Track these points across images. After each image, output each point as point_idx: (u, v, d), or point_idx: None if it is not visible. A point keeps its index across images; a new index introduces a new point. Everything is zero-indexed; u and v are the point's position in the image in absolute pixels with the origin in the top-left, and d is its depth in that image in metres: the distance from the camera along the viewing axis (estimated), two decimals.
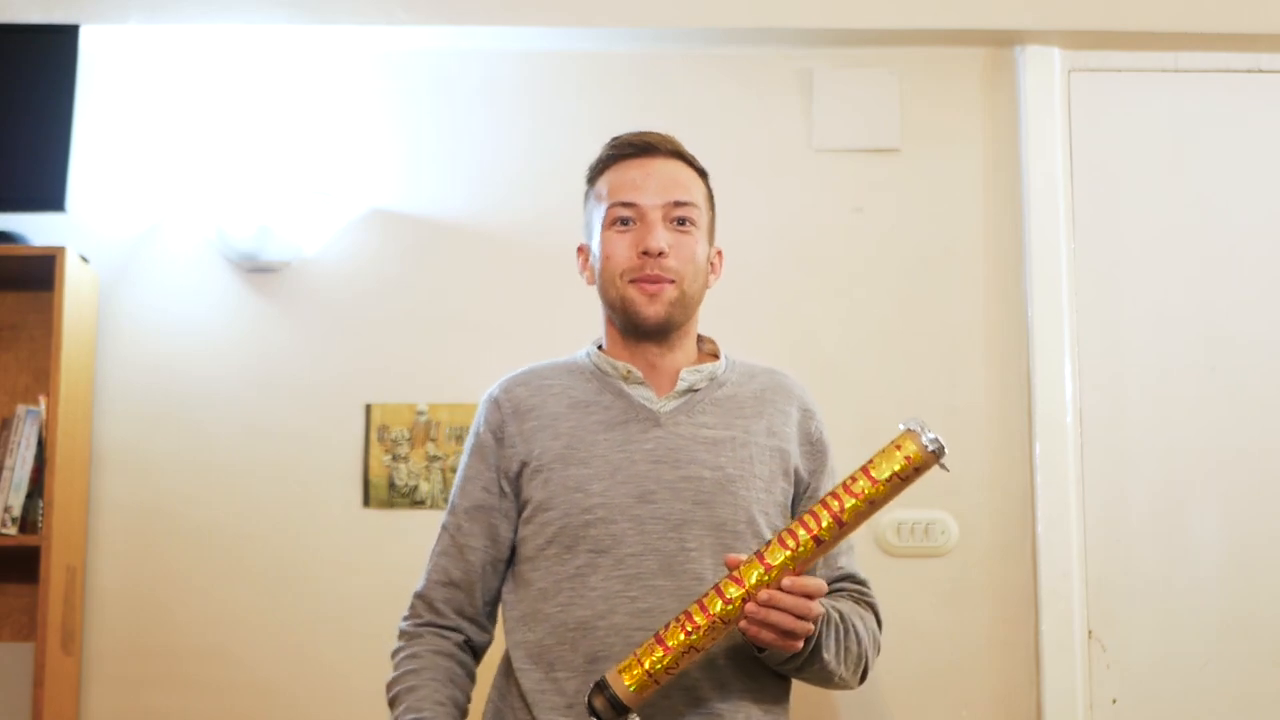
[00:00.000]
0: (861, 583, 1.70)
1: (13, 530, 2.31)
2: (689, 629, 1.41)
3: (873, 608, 1.69)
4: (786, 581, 1.41)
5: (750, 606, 1.41)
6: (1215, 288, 2.56)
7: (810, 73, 2.60)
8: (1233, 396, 2.53)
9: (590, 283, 1.69)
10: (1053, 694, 2.43)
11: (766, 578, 1.41)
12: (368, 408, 2.51)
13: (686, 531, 1.57)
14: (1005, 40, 2.59)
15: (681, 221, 1.61)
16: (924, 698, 2.47)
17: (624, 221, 1.61)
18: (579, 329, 1.89)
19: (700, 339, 1.73)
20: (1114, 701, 2.46)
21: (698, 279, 1.64)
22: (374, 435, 2.49)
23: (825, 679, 1.59)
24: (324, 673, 2.45)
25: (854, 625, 1.60)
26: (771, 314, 2.54)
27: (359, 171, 2.56)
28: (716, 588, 1.43)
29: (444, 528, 1.70)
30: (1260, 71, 2.61)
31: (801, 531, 1.42)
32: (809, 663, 1.53)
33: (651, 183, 1.61)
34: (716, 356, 1.72)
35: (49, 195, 2.37)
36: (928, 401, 2.52)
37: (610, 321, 1.68)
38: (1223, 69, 2.61)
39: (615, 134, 1.69)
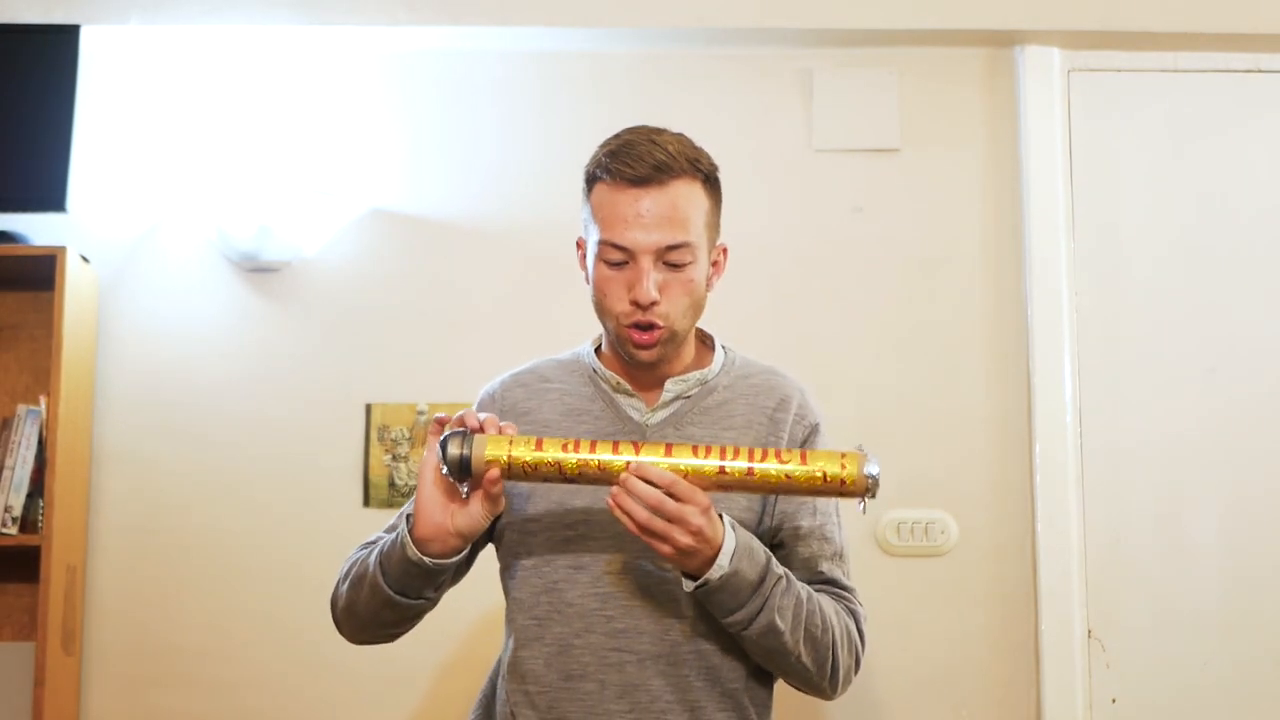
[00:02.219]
0: (846, 589, 1.61)
1: (13, 530, 2.32)
2: (569, 449, 1.42)
3: (854, 615, 1.60)
4: (632, 465, 1.40)
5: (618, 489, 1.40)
6: (1215, 287, 2.56)
7: (810, 73, 2.60)
8: (1233, 396, 2.53)
9: (587, 282, 1.65)
10: (1052, 694, 2.43)
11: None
12: (368, 408, 2.51)
13: None
14: (1005, 40, 2.59)
15: (674, 262, 1.54)
16: (924, 698, 2.47)
17: (615, 261, 1.54)
18: (580, 329, 1.88)
19: (700, 335, 1.68)
20: (1114, 701, 2.46)
21: (689, 313, 1.58)
22: (374, 435, 2.49)
23: (783, 657, 1.50)
24: (324, 672, 2.45)
25: (821, 609, 1.52)
26: (771, 314, 2.54)
27: (359, 171, 2.56)
28: (614, 444, 1.43)
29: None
30: (1260, 71, 2.61)
31: (713, 457, 1.41)
32: (759, 620, 1.46)
33: (644, 223, 1.52)
34: (713, 351, 1.67)
35: (49, 195, 2.38)
36: (928, 401, 2.52)
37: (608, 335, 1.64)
38: (1223, 69, 2.61)
39: (616, 130, 1.60)
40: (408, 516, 1.52)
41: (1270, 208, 2.58)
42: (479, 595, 1.73)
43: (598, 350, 1.68)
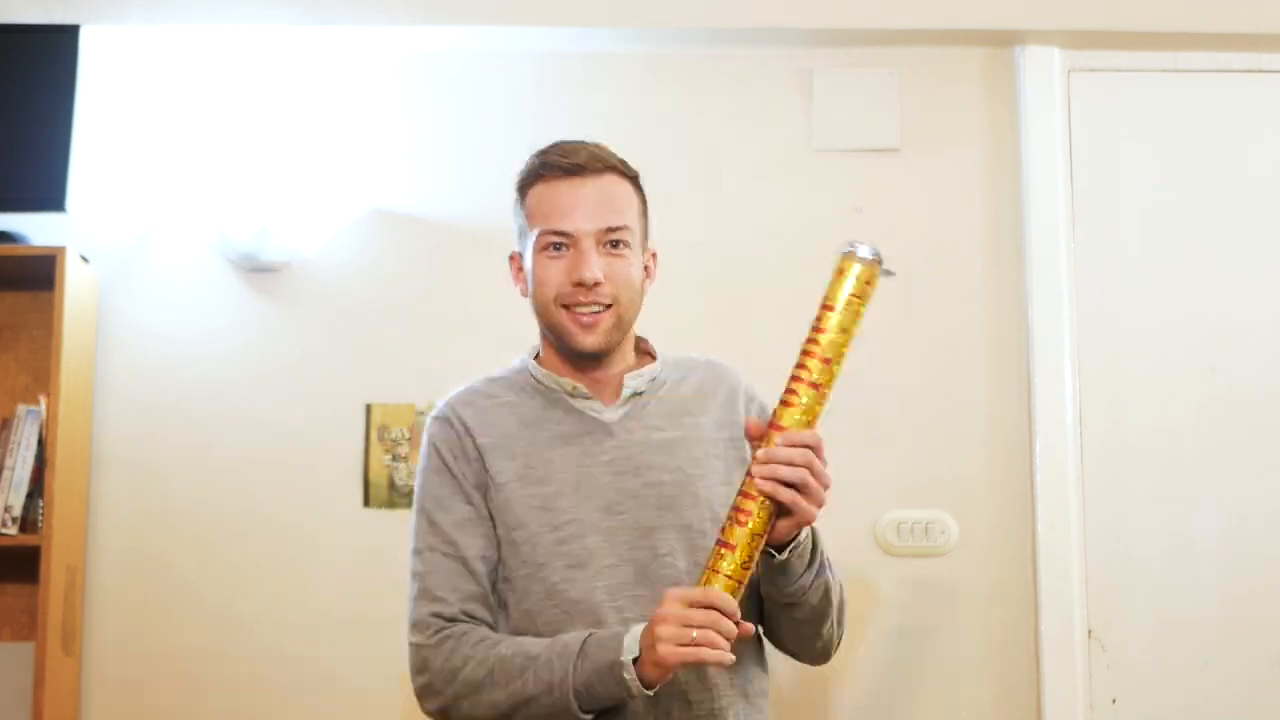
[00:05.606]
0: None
1: (13, 530, 2.31)
2: (741, 520, 1.41)
3: (839, 584, 1.65)
4: (779, 438, 1.42)
5: (755, 467, 1.41)
6: (1215, 287, 2.56)
7: (810, 73, 2.60)
8: (1233, 396, 2.53)
9: (524, 295, 1.67)
10: (1053, 694, 2.43)
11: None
12: (368, 408, 2.51)
13: (657, 538, 1.56)
14: (1005, 40, 2.59)
15: (615, 244, 1.58)
16: (924, 698, 2.47)
17: (556, 247, 1.58)
18: None
19: (635, 339, 1.70)
20: (1114, 701, 2.46)
21: (634, 300, 1.61)
22: (374, 435, 2.49)
23: (825, 608, 1.57)
24: (324, 672, 2.45)
25: (832, 567, 1.60)
26: (771, 314, 2.53)
27: (359, 172, 2.56)
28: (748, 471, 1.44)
29: (430, 549, 1.58)
30: (1260, 71, 2.61)
31: (800, 387, 1.44)
32: (819, 578, 1.53)
33: (582, 208, 1.57)
34: (652, 355, 1.70)
35: (49, 195, 2.37)
36: (928, 402, 2.52)
37: (546, 339, 1.67)
38: (1223, 69, 2.61)
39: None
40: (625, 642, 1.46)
41: (1270, 207, 2.58)
42: None
43: (536, 361, 1.69)
